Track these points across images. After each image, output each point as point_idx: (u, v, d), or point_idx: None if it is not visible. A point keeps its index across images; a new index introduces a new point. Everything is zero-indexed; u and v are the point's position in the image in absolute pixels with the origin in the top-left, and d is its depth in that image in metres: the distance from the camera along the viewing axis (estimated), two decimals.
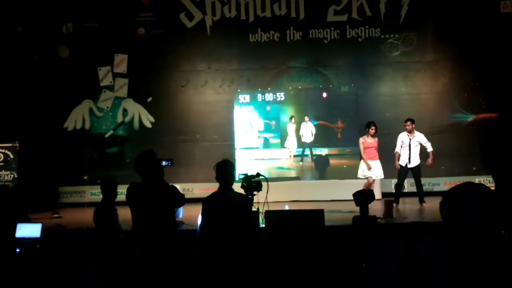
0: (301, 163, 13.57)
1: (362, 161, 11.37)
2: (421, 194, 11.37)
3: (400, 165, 11.34)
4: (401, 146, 11.36)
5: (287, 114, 13.57)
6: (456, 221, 2.38)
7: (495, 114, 12.90)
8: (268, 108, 13.61)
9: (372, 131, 11.24)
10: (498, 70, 12.87)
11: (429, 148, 11.41)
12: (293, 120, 13.41)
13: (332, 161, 13.35)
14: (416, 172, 11.34)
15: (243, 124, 13.54)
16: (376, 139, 11.39)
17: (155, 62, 13.78)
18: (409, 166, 11.27)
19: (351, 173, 11.95)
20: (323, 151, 13.45)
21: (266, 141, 13.60)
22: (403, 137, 11.39)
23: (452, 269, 2.34)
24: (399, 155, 11.38)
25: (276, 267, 6.67)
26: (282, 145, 13.53)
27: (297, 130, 13.42)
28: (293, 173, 13.47)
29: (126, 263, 5.43)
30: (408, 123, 11.30)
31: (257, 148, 13.57)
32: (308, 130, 13.45)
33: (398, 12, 13.47)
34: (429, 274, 2.47)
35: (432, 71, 13.53)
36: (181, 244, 5.31)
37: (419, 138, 11.39)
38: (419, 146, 11.38)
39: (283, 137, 13.56)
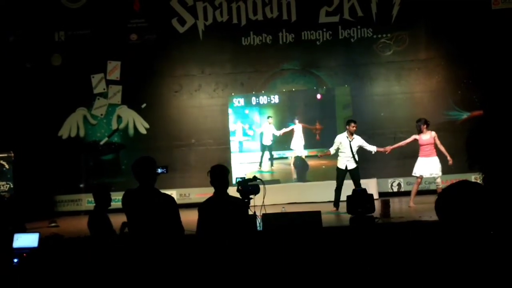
0: (283, 165, 13.54)
1: (418, 159, 10.87)
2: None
3: (339, 168, 10.94)
4: (339, 149, 10.97)
5: (265, 115, 13.54)
6: (452, 219, 2.38)
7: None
8: (246, 111, 13.60)
9: (423, 127, 10.82)
10: (491, 67, 12.90)
11: (374, 150, 11.10)
12: (296, 121, 13.40)
13: (311, 163, 13.32)
14: (355, 175, 10.86)
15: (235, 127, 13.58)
16: (433, 135, 10.86)
17: (148, 68, 13.78)
18: (349, 168, 10.86)
19: (333, 174, 11.79)
20: (303, 153, 13.41)
21: (241, 144, 13.58)
22: (342, 139, 10.98)
23: (448, 268, 2.34)
24: (330, 155, 11.14)
25: (275, 270, 6.67)
26: (262, 148, 13.46)
27: (303, 131, 13.38)
28: (274, 176, 13.35)
29: (123, 269, 5.42)
30: (353, 124, 10.92)
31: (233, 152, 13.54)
32: (270, 133, 13.45)
33: (389, 12, 13.50)
34: (426, 273, 2.48)
35: (425, 69, 13.55)
36: (178, 249, 5.29)
37: (359, 141, 10.99)
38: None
39: (261, 140, 13.52)
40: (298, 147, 13.40)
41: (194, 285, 5.35)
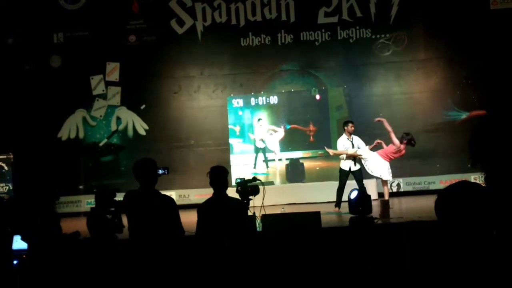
0: (277, 168, 13.52)
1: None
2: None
3: (343, 169, 10.70)
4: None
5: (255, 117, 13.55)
6: (451, 219, 2.38)
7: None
8: (240, 113, 13.58)
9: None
10: (490, 67, 12.90)
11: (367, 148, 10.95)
12: (260, 121, 13.44)
13: (306, 164, 13.30)
14: (359, 176, 10.68)
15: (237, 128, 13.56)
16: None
17: (147, 69, 13.78)
18: (353, 169, 10.65)
19: (327, 175, 11.75)
20: (297, 155, 13.37)
21: (232, 147, 13.54)
22: (344, 141, 10.78)
23: (447, 268, 2.34)
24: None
25: (275, 271, 6.67)
26: (256, 150, 13.44)
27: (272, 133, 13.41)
28: (269, 178, 13.23)
29: (124, 270, 5.42)
30: (350, 124, 10.77)
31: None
32: (261, 136, 13.43)
33: (388, 12, 13.50)
34: (425, 273, 2.48)
35: (424, 69, 13.55)
36: (179, 250, 5.30)
37: (357, 141, 10.83)
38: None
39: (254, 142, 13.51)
40: (259, 145, 13.40)
41: (194, 286, 5.35)
